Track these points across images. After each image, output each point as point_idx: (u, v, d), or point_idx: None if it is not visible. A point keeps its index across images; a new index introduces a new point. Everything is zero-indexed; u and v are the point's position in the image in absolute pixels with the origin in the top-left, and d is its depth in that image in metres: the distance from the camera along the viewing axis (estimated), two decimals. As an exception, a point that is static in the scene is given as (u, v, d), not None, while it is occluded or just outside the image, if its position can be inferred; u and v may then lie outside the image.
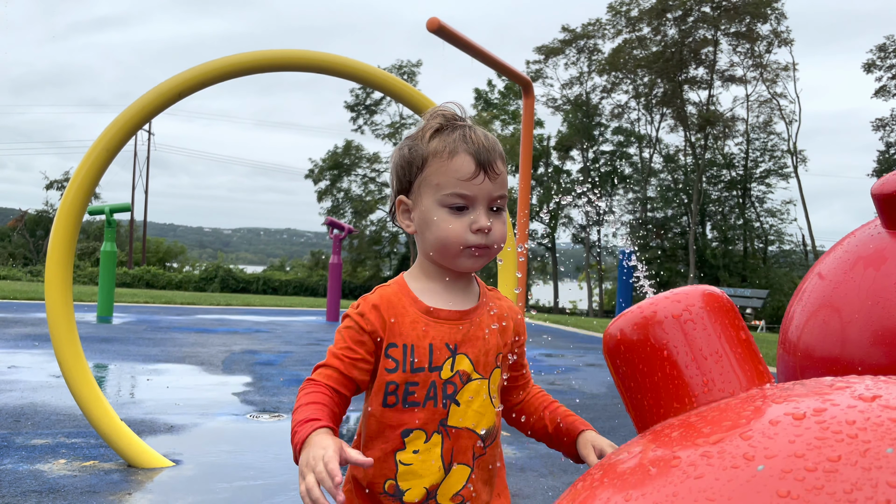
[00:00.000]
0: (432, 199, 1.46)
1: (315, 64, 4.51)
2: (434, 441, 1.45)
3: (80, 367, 4.20)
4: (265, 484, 3.99)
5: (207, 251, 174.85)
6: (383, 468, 1.46)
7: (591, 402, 7.02)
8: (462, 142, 1.45)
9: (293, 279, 40.83)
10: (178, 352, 9.43)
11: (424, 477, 1.44)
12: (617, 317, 0.96)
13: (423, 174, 1.47)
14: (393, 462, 1.45)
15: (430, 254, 1.51)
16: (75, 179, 4.20)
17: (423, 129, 1.51)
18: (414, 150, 1.49)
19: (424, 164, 1.47)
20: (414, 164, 1.48)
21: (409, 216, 1.52)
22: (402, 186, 1.52)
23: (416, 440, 1.45)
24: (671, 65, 40.21)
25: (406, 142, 1.53)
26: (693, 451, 0.70)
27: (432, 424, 1.45)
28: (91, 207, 14.20)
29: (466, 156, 1.44)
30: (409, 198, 1.51)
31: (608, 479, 0.76)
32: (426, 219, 1.47)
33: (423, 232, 1.49)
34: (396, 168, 1.53)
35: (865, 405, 0.67)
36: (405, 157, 1.51)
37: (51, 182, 53.21)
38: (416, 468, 1.44)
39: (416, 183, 1.49)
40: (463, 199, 1.44)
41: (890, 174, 2.21)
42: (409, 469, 1.44)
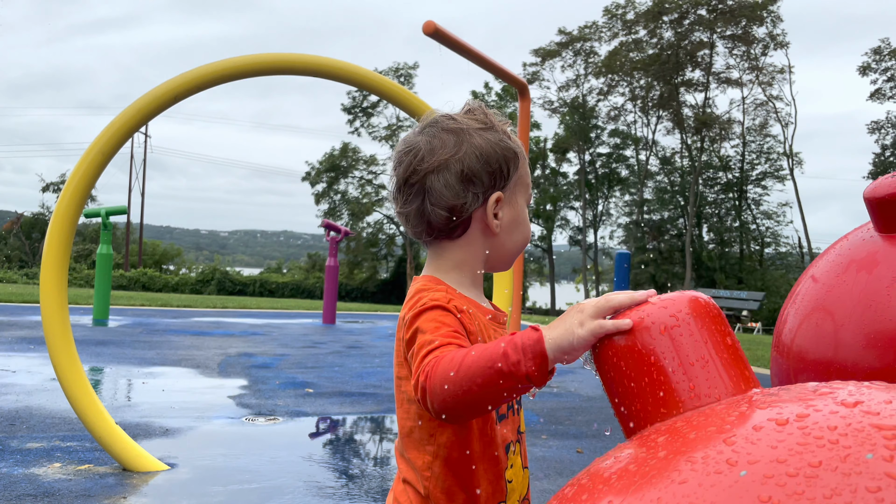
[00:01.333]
0: (524, 198, 1.42)
1: (311, 68, 4.52)
2: (516, 450, 1.37)
3: (74, 370, 4.20)
4: (260, 487, 3.99)
5: (204, 253, 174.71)
6: (496, 492, 1.30)
7: (588, 405, 7.03)
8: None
9: (290, 281, 40.80)
10: (174, 355, 9.42)
11: (517, 491, 1.35)
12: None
13: (519, 173, 1.39)
14: (504, 483, 1.31)
15: (505, 257, 1.41)
16: (71, 182, 4.20)
17: (495, 123, 1.40)
18: (506, 144, 1.38)
19: (519, 160, 1.39)
20: (510, 160, 1.37)
21: (497, 215, 1.38)
22: (494, 182, 1.36)
23: (513, 454, 1.35)
24: (667, 67, 40.31)
25: (492, 132, 1.38)
26: (678, 457, 0.71)
27: (514, 435, 1.37)
28: (87, 210, 14.19)
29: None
30: (504, 195, 1.37)
31: (594, 484, 0.77)
32: (518, 218, 1.40)
33: (512, 232, 1.39)
34: (494, 159, 1.35)
35: (847, 411, 0.68)
36: (507, 147, 1.37)
37: (47, 184, 53.13)
38: (515, 484, 1.34)
39: (512, 180, 1.38)
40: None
41: (882, 178, 2.22)
42: (511, 486, 1.33)
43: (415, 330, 1.23)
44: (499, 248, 1.39)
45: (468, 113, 1.41)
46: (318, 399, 6.73)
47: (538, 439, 5.42)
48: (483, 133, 1.36)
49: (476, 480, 1.28)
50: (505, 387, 1.06)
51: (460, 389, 1.08)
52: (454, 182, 1.33)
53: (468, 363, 1.08)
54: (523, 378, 1.05)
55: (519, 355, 1.05)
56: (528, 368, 1.04)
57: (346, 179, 45.17)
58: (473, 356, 1.09)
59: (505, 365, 1.05)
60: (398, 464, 1.38)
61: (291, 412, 6.05)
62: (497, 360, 1.06)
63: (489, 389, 1.07)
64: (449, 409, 1.11)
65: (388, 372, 8.73)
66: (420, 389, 1.14)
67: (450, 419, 1.14)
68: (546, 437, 5.52)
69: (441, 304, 1.25)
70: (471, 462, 1.28)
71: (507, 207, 1.38)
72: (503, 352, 1.06)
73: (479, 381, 1.07)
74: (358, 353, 10.68)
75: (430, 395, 1.12)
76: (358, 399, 6.83)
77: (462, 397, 1.08)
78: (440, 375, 1.10)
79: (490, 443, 1.30)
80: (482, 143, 1.35)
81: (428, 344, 1.18)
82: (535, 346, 1.05)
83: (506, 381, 1.05)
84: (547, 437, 5.50)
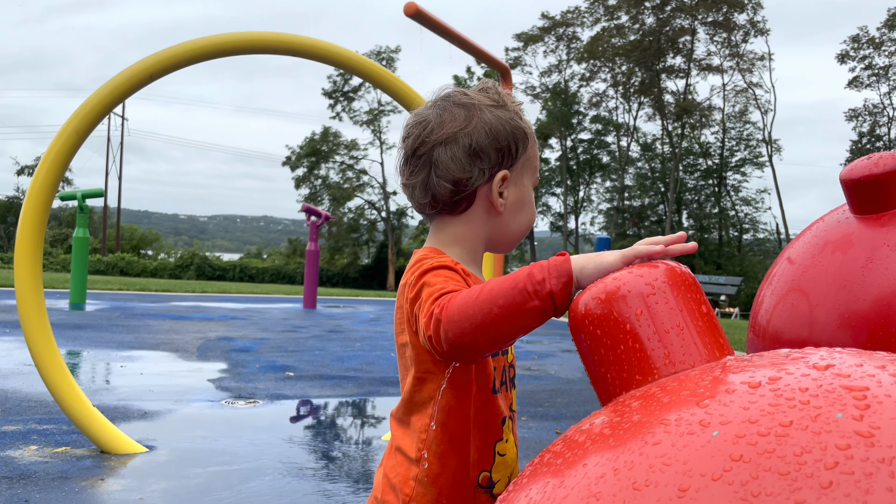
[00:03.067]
0: (531, 179, 1.40)
1: (292, 47, 4.47)
2: (509, 426, 1.38)
3: (51, 352, 4.15)
4: (240, 469, 3.98)
5: (183, 238, 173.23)
6: (481, 459, 1.33)
7: (567, 388, 7.09)
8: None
9: (270, 267, 40.58)
10: (153, 339, 9.34)
11: (509, 466, 1.37)
12: (581, 292, 0.97)
13: (528, 154, 1.38)
14: (492, 453, 1.34)
15: (511, 238, 1.41)
16: (45, 162, 4.13)
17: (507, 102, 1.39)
18: (517, 123, 1.37)
19: (528, 141, 1.38)
20: (519, 140, 1.36)
21: (503, 194, 1.37)
22: (502, 159, 1.35)
23: (507, 429, 1.37)
24: (649, 53, 40.40)
25: (504, 110, 1.37)
26: (651, 420, 0.71)
27: (508, 410, 1.38)
28: (63, 193, 13.97)
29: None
30: (510, 174, 1.37)
31: (570, 449, 0.77)
32: (524, 199, 1.39)
33: (517, 213, 1.39)
34: (503, 136, 1.35)
35: (819, 373, 0.69)
36: (517, 126, 1.36)
37: (22, 167, 52.29)
38: (507, 458, 1.37)
39: (520, 160, 1.37)
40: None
41: (858, 160, 2.25)
42: (502, 460, 1.36)
43: (421, 285, 1.23)
44: (502, 227, 1.39)
45: (482, 90, 1.41)
46: (299, 382, 6.71)
47: (518, 421, 5.46)
48: (494, 110, 1.36)
49: (469, 447, 1.31)
50: (528, 308, 1.05)
51: (480, 313, 1.07)
52: (461, 155, 1.33)
53: (490, 287, 1.08)
54: (547, 297, 1.05)
55: (544, 274, 1.06)
56: (552, 286, 1.04)
57: (327, 164, 44.87)
58: (496, 282, 1.09)
59: (529, 284, 1.06)
60: (392, 431, 1.39)
61: (271, 395, 6.04)
62: (521, 280, 1.06)
63: (511, 312, 1.06)
64: (465, 338, 1.09)
65: (369, 356, 8.73)
66: (434, 323, 1.13)
67: (463, 352, 1.13)
68: (526, 418, 5.56)
69: (448, 265, 1.27)
70: (467, 428, 1.30)
71: (512, 187, 1.37)
72: (528, 272, 1.07)
73: (500, 302, 1.06)
74: (339, 337, 10.66)
75: (445, 325, 1.10)
76: (339, 382, 6.83)
77: (482, 322, 1.07)
78: (459, 304, 1.10)
79: (487, 411, 1.32)
80: (492, 120, 1.35)
81: (438, 290, 1.18)
82: (562, 265, 1.06)
83: (529, 300, 1.05)
84: (527, 419, 5.53)
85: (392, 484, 1.34)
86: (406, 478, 1.32)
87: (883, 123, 40.50)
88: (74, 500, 3.39)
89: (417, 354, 1.30)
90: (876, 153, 2.21)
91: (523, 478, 0.81)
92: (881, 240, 2.17)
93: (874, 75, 39.71)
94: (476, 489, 1.33)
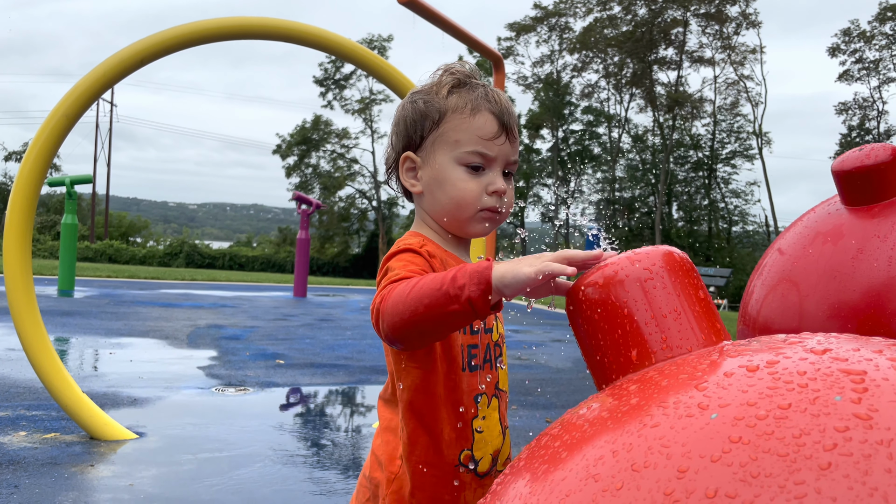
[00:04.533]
0: (449, 156, 1.36)
1: (284, 33, 4.43)
2: (493, 405, 1.39)
3: (40, 338, 4.12)
4: (230, 456, 3.98)
5: (172, 226, 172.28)
6: (460, 439, 1.34)
7: (557, 377, 7.12)
8: (485, 100, 1.38)
9: (260, 255, 40.45)
10: (142, 326, 9.31)
11: (490, 443, 1.38)
12: (580, 277, 0.97)
13: (440, 129, 1.37)
14: (470, 431, 1.35)
15: (439, 217, 1.41)
16: (34, 147, 4.09)
17: (438, 84, 1.41)
18: (430, 103, 1.38)
19: (442, 118, 1.37)
20: (428, 119, 1.37)
21: (415, 175, 1.40)
22: (409, 142, 1.40)
23: (483, 405, 1.37)
24: (641, 45, 40.38)
25: (417, 95, 1.41)
26: (650, 403, 0.71)
27: (490, 388, 1.38)
28: (51, 179, 13.86)
29: (489, 115, 1.37)
30: (418, 154, 1.39)
31: (567, 432, 0.77)
32: (440, 177, 1.37)
33: (435, 192, 1.38)
34: (404, 122, 1.41)
35: (816, 357, 0.69)
36: (419, 110, 1.39)
37: (10, 153, 51.78)
38: (486, 435, 1.37)
39: (429, 139, 1.38)
40: (482, 158, 1.36)
41: (849, 152, 2.26)
42: (482, 437, 1.37)
43: (385, 270, 1.28)
44: (431, 208, 1.41)
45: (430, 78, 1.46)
46: (289, 370, 6.71)
47: (508, 409, 5.48)
48: (414, 97, 1.42)
49: (440, 425, 1.32)
50: (449, 311, 1.09)
51: (408, 310, 1.12)
52: (388, 146, 1.47)
53: (420, 285, 1.13)
54: (465, 302, 1.08)
55: (465, 280, 1.09)
56: (470, 292, 1.08)
57: (318, 153, 44.69)
58: (426, 280, 1.13)
59: (451, 288, 1.09)
60: (380, 413, 1.41)
61: (262, 383, 6.03)
62: (445, 283, 1.10)
63: (434, 312, 1.10)
64: (398, 332, 1.15)
65: (360, 344, 8.73)
66: (375, 312, 1.19)
67: (400, 344, 1.18)
68: (516, 407, 5.58)
69: (413, 248, 1.31)
70: (435, 406, 1.32)
71: (424, 167, 1.40)
72: (452, 276, 1.11)
73: (426, 302, 1.11)
74: (329, 325, 10.65)
75: (382, 316, 1.16)
76: (329, 370, 6.83)
77: (409, 318, 1.12)
78: (393, 298, 1.15)
79: (455, 388, 1.33)
80: (405, 108, 1.43)
81: (392, 277, 1.23)
82: (483, 273, 1.09)
83: (450, 304, 1.09)
84: (517, 408, 5.56)
85: (380, 462, 1.36)
86: (393, 456, 1.34)
87: (872, 117, 40.72)
88: (64, 486, 3.38)
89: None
90: (867, 145, 2.22)
91: (520, 461, 0.81)
92: (871, 231, 2.18)
93: (864, 69, 39.88)
94: (457, 468, 1.34)
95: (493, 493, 0.80)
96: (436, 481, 1.32)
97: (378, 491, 1.35)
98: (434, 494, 1.32)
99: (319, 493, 3.49)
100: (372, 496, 1.36)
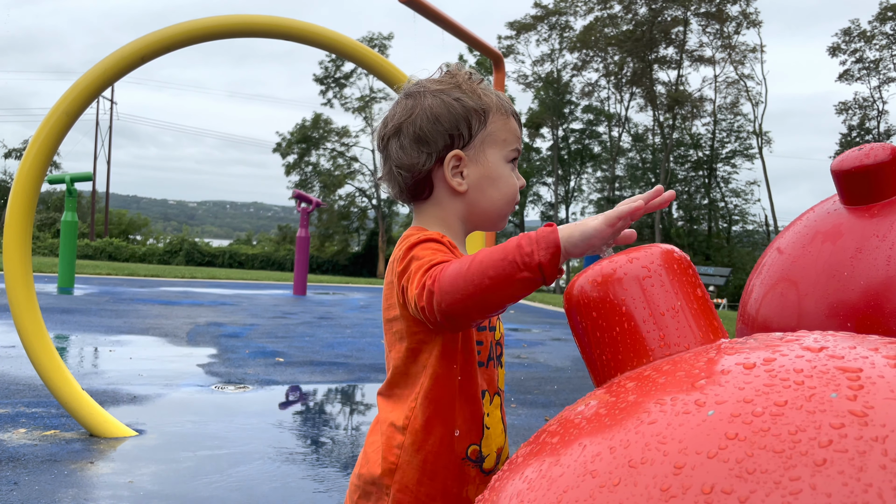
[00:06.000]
0: (500, 154, 1.40)
1: (285, 31, 4.44)
2: (496, 402, 1.41)
3: (40, 335, 4.13)
4: (230, 453, 3.99)
5: (172, 224, 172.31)
6: (471, 432, 1.35)
7: (556, 375, 7.12)
8: (506, 101, 1.45)
9: (260, 253, 40.45)
10: (142, 323, 9.31)
11: (494, 440, 1.39)
12: (578, 275, 0.98)
13: (488, 129, 1.39)
14: (480, 426, 1.36)
15: (485, 213, 1.42)
16: (34, 144, 4.09)
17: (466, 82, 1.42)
18: (467, 102, 1.39)
19: (488, 118, 1.39)
20: (476, 117, 1.39)
21: (461, 173, 1.40)
22: (452, 141, 1.38)
23: (487, 402, 1.39)
24: (641, 44, 40.37)
25: (450, 93, 1.40)
26: (647, 400, 0.72)
27: (493, 386, 1.40)
28: (51, 176, 13.86)
29: (512, 116, 1.44)
30: (466, 153, 1.39)
31: (565, 429, 0.78)
32: (494, 175, 1.40)
33: (486, 189, 1.40)
34: (447, 119, 1.38)
35: (813, 355, 0.70)
36: (467, 106, 1.39)
37: (9, 150, 51.77)
38: (493, 432, 1.39)
39: (478, 137, 1.39)
40: (518, 155, 1.44)
41: (848, 151, 2.26)
42: (489, 433, 1.38)
43: (410, 259, 1.26)
44: (473, 206, 1.41)
45: (439, 76, 1.45)
46: (289, 368, 6.72)
47: (507, 407, 5.48)
48: (440, 94, 1.40)
49: (454, 416, 1.33)
50: (518, 279, 1.10)
51: (471, 284, 1.11)
52: (408, 144, 1.39)
53: (480, 258, 1.12)
54: (536, 268, 1.09)
55: (532, 246, 1.10)
56: (541, 257, 1.09)
57: (318, 151, 44.68)
58: (486, 253, 1.13)
59: (518, 256, 1.10)
60: (379, 408, 1.40)
61: (261, 381, 6.04)
62: (511, 251, 1.11)
63: (501, 282, 1.10)
64: (457, 308, 1.14)
65: (360, 342, 8.74)
66: (426, 294, 1.17)
67: (454, 321, 1.17)
68: (515, 405, 5.59)
69: (435, 238, 1.31)
70: (452, 397, 1.33)
71: (472, 165, 1.40)
72: (517, 243, 1.11)
73: (491, 273, 1.11)
74: (329, 323, 10.66)
75: (438, 295, 1.15)
76: (329, 368, 6.84)
77: (473, 293, 1.11)
78: (450, 275, 1.14)
79: (471, 381, 1.34)
80: (434, 104, 1.39)
81: (428, 262, 1.21)
82: (549, 235, 1.11)
83: (518, 272, 1.09)
84: (516, 406, 5.56)
85: (371, 458, 1.36)
86: (390, 446, 1.33)
87: (872, 117, 40.72)
88: (64, 483, 3.38)
89: (409, 326, 1.32)
90: (867, 144, 2.23)
91: (518, 457, 0.82)
92: (870, 230, 2.19)
93: (865, 69, 39.88)
94: (464, 462, 1.34)
95: (491, 489, 0.80)
96: (446, 472, 1.32)
97: (372, 488, 1.34)
98: (443, 486, 1.32)
99: (318, 491, 3.50)
100: (363, 494, 1.36)
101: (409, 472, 1.32)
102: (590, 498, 0.64)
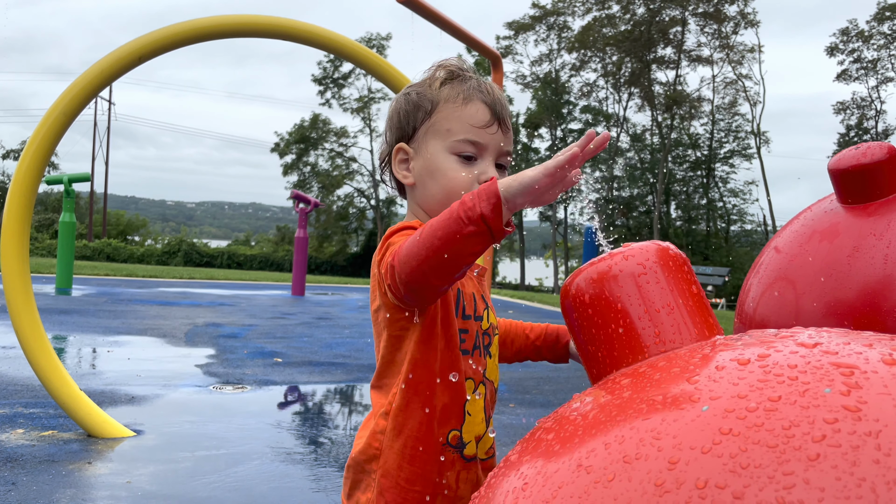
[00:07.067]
0: (441, 145, 1.37)
1: (284, 31, 4.43)
2: (480, 392, 1.39)
3: (37, 336, 4.13)
4: (228, 453, 3.99)
5: (170, 225, 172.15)
6: (451, 417, 1.34)
7: (554, 375, 7.13)
8: (477, 90, 1.39)
9: (258, 254, 40.42)
10: (140, 324, 9.31)
11: (475, 428, 1.38)
12: (574, 273, 0.98)
13: (432, 120, 1.38)
14: (462, 411, 1.35)
15: (431, 208, 1.40)
16: (31, 144, 4.09)
17: (431, 77, 1.43)
18: (422, 95, 1.40)
19: (434, 109, 1.38)
20: (421, 109, 1.39)
21: (407, 166, 1.41)
22: (402, 134, 1.42)
23: (470, 390, 1.38)
24: (639, 44, 40.39)
25: (412, 88, 1.43)
26: (642, 396, 0.72)
27: (478, 375, 1.39)
28: (49, 177, 13.85)
29: (481, 104, 1.37)
30: (411, 146, 1.40)
31: (560, 425, 0.78)
32: (431, 167, 1.37)
33: (426, 182, 1.39)
34: (398, 114, 1.42)
35: (807, 351, 0.70)
36: (412, 101, 1.41)
37: (7, 151, 51.73)
38: (474, 419, 1.37)
39: (421, 129, 1.39)
40: (474, 147, 1.36)
41: (845, 150, 2.26)
42: (470, 420, 1.37)
43: (387, 247, 1.29)
44: (423, 198, 1.43)
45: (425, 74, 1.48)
46: (287, 368, 6.71)
47: (505, 407, 5.49)
48: (407, 90, 1.44)
49: (434, 401, 1.33)
50: (465, 234, 1.10)
51: (424, 248, 1.14)
52: (382, 140, 1.50)
53: (430, 223, 1.16)
54: (479, 220, 1.10)
55: (473, 200, 1.11)
56: (482, 209, 1.10)
57: (317, 151, 44.66)
58: (433, 219, 1.16)
59: (461, 211, 1.11)
60: (372, 400, 1.41)
61: (260, 381, 6.04)
62: (455, 209, 1.12)
63: (450, 240, 1.11)
64: (415, 274, 1.15)
65: (358, 342, 8.74)
66: (388, 269, 1.21)
67: (417, 291, 1.19)
68: (513, 405, 5.59)
69: (413, 226, 1.32)
70: (433, 381, 1.33)
71: (417, 158, 1.41)
72: (460, 202, 1.13)
73: (439, 234, 1.12)
74: (327, 324, 10.66)
75: (398, 267, 1.18)
76: (327, 369, 6.84)
77: (426, 256, 1.13)
78: (406, 246, 1.17)
79: (452, 365, 1.34)
80: (397, 102, 1.45)
81: (398, 246, 1.23)
82: (490, 187, 1.11)
83: (463, 227, 1.10)
84: (514, 406, 5.56)
85: (359, 446, 1.37)
86: (374, 432, 1.34)
87: (870, 116, 40.78)
88: (62, 483, 3.38)
89: (391, 314, 1.33)
90: (864, 143, 2.23)
91: (514, 454, 0.82)
92: (868, 229, 2.19)
93: (863, 69, 39.93)
94: (445, 447, 1.34)
95: (487, 486, 0.80)
96: (426, 457, 1.32)
97: (361, 475, 1.36)
98: (422, 470, 1.32)
99: (317, 490, 3.50)
100: (353, 482, 1.37)
101: (391, 457, 1.32)
102: (585, 494, 0.65)
